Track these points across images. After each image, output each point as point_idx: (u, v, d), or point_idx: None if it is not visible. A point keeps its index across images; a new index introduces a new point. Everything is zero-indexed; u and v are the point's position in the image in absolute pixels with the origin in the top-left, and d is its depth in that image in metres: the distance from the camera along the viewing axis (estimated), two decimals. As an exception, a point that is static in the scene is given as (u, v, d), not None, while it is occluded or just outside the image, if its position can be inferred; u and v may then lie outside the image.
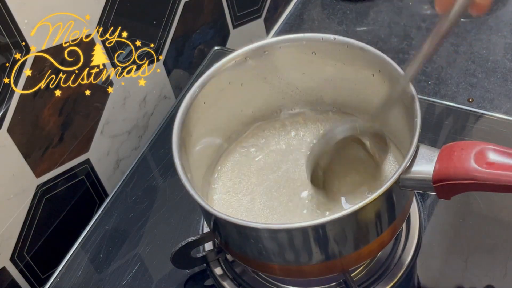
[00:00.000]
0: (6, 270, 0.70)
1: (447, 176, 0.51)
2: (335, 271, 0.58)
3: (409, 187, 0.53)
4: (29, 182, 0.70)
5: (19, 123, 0.66)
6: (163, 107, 0.87)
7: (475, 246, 0.66)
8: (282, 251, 0.54)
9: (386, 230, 0.56)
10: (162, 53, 0.84)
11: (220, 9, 0.94)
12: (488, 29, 0.99)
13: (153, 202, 0.75)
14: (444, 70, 0.94)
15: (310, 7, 1.09)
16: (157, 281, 0.68)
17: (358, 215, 0.52)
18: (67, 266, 0.70)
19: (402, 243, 0.65)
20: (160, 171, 0.78)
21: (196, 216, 0.72)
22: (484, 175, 0.49)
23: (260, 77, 0.65)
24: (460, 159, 0.50)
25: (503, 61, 0.94)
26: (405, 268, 0.63)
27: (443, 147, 0.52)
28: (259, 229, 0.53)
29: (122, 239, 0.72)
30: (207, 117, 0.63)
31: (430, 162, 0.52)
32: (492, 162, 0.49)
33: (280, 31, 1.07)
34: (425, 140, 0.74)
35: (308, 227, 0.52)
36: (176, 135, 0.57)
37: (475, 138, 0.73)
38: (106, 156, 0.81)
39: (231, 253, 0.61)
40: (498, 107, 0.88)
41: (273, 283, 0.64)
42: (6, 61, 0.62)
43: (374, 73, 0.60)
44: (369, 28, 1.03)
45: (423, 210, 0.68)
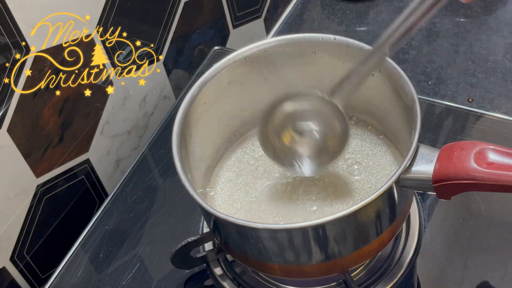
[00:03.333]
0: (6, 270, 0.70)
1: (447, 176, 0.51)
2: (335, 271, 0.58)
3: (409, 187, 0.53)
4: (29, 182, 0.70)
5: (19, 123, 0.66)
6: (163, 107, 0.87)
7: (475, 246, 0.66)
8: (282, 251, 0.54)
9: (386, 230, 0.56)
10: (162, 53, 0.84)
11: (220, 9, 0.94)
12: (488, 29, 0.99)
13: (153, 202, 0.75)
14: (444, 70, 0.94)
15: (310, 7, 1.09)
16: (157, 281, 0.68)
17: (358, 215, 0.52)
18: (67, 266, 0.70)
19: (402, 243, 0.65)
20: (160, 171, 0.78)
21: (196, 216, 0.72)
22: (484, 175, 0.49)
23: (260, 77, 0.65)
24: (460, 159, 0.50)
25: (503, 61, 0.94)
26: (405, 268, 0.63)
27: (443, 147, 0.52)
28: (259, 229, 0.53)
29: (122, 239, 0.72)
30: (207, 117, 0.63)
31: (430, 162, 0.52)
32: (492, 162, 0.49)
33: (280, 31, 1.07)
34: (425, 140, 0.74)
35: (308, 227, 0.51)
36: (176, 135, 0.57)
37: (475, 138, 0.73)
38: (106, 156, 0.81)
39: (231, 253, 0.61)
40: (498, 107, 0.88)
41: (273, 283, 0.64)
42: (6, 61, 0.62)
43: (374, 73, 0.60)
44: (369, 28, 1.03)
45: (423, 210, 0.68)
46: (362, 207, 0.50)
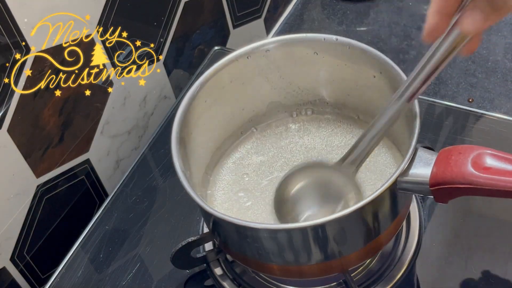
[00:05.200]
0: (6, 270, 0.70)
1: (444, 180, 0.50)
2: (335, 271, 0.58)
3: (407, 190, 0.53)
4: (29, 182, 0.70)
5: (19, 123, 0.66)
6: (163, 107, 0.87)
7: (475, 246, 0.66)
8: (281, 251, 0.54)
9: (385, 230, 0.56)
10: (162, 53, 0.84)
11: (220, 9, 0.94)
12: (488, 29, 0.99)
13: (153, 202, 0.75)
14: (444, 70, 0.94)
15: (310, 7, 1.09)
16: (157, 281, 0.68)
17: (357, 215, 0.52)
18: (67, 266, 0.70)
19: (402, 243, 0.65)
20: (160, 171, 0.78)
21: (196, 216, 0.72)
22: (481, 180, 0.49)
23: (262, 76, 0.65)
24: (457, 163, 0.50)
25: (503, 61, 0.94)
26: (405, 268, 0.63)
27: (441, 150, 0.52)
28: (259, 229, 0.53)
29: (122, 239, 0.72)
30: (208, 115, 0.63)
31: (427, 166, 0.51)
32: (489, 167, 0.49)
33: (280, 31, 1.07)
34: (425, 140, 0.74)
35: (308, 227, 0.52)
36: (176, 133, 0.57)
37: (475, 138, 0.73)
38: (106, 156, 0.81)
39: (230, 254, 0.61)
40: (498, 107, 0.88)
41: (273, 283, 0.64)
42: (6, 61, 0.62)
43: (376, 75, 0.60)
44: (369, 28, 1.03)
45: (423, 210, 0.68)
46: (360, 208, 0.50)
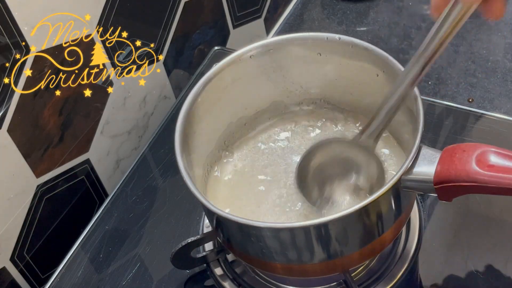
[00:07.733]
0: (6, 270, 0.70)
1: (448, 178, 0.50)
2: (336, 271, 0.58)
3: (411, 188, 0.53)
4: (29, 182, 0.70)
5: (19, 123, 0.66)
6: (163, 107, 0.87)
7: (475, 246, 0.66)
8: (284, 250, 0.54)
9: (388, 230, 0.56)
10: (162, 53, 0.84)
11: (220, 9, 0.94)
12: (488, 29, 0.99)
13: (153, 202, 0.75)
14: (444, 70, 0.94)
15: (310, 7, 1.09)
16: (157, 281, 0.68)
17: (359, 214, 0.52)
18: (67, 266, 0.70)
19: (402, 243, 0.65)
20: (160, 171, 0.77)
21: (196, 216, 0.72)
22: (485, 178, 0.49)
23: (265, 75, 0.65)
24: (461, 161, 0.50)
25: (503, 61, 0.94)
26: (405, 268, 0.63)
27: (445, 148, 0.52)
28: (262, 228, 0.53)
29: (122, 239, 0.72)
30: (211, 114, 0.63)
31: (431, 164, 0.52)
32: (493, 164, 0.49)
33: (280, 31, 1.07)
34: (425, 140, 0.74)
35: (310, 226, 0.52)
36: (179, 131, 0.57)
37: (475, 138, 0.73)
38: (106, 156, 0.81)
39: (233, 252, 0.61)
40: (498, 107, 0.88)
41: (273, 283, 0.65)
42: (6, 61, 0.62)
43: (379, 73, 0.60)
44: (369, 28, 1.03)
45: (423, 210, 0.68)
46: (363, 207, 0.50)
